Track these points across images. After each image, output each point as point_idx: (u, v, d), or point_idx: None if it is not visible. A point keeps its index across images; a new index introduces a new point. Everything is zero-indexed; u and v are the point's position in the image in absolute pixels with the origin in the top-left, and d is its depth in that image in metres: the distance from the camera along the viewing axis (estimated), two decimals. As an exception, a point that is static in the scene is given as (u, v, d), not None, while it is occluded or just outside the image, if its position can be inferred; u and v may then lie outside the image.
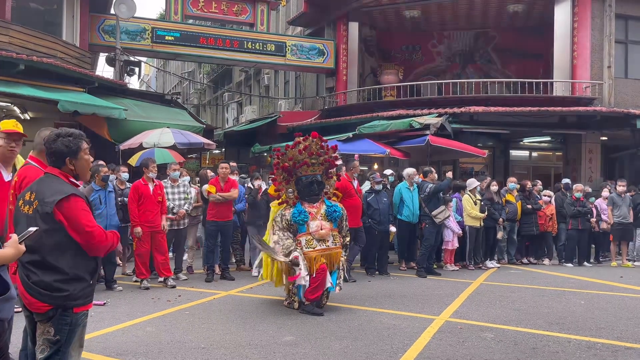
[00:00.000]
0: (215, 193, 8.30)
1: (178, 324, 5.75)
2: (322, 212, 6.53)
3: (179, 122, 13.45)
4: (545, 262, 11.23)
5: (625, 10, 16.39)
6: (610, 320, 6.15)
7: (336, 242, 6.56)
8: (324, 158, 6.68)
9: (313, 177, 6.57)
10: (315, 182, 6.56)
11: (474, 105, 15.12)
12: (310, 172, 6.59)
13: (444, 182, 9.72)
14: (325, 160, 6.71)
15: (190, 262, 9.37)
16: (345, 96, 19.13)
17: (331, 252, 6.49)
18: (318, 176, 6.62)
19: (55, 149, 3.01)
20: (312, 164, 6.59)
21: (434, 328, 5.66)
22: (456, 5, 18.38)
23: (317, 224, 6.43)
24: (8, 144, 4.03)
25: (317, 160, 6.62)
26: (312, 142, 6.60)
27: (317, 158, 6.62)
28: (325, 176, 6.84)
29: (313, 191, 6.57)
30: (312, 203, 6.58)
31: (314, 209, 6.53)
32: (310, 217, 6.45)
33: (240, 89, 30.18)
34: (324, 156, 6.69)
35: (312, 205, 6.56)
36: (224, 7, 18.04)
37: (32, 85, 10.98)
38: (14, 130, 4.05)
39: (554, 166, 18.77)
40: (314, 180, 6.56)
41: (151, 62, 30.65)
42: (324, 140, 6.77)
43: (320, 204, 6.61)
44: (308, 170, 6.60)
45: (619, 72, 16.41)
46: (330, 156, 6.76)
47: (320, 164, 6.68)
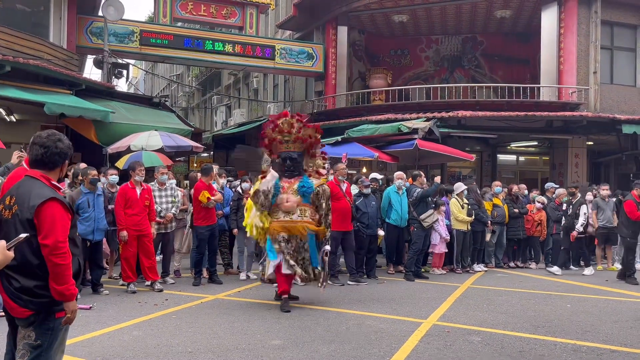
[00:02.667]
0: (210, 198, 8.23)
1: (165, 328, 5.71)
2: (294, 187, 6.87)
3: (167, 125, 13.38)
4: (532, 266, 11.31)
5: (610, 17, 16.60)
6: (595, 324, 6.20)
7: (303, 216, 6.82)
8: (295, 135, 7.00)
9: (287, 153, 6.99)
10: (288, 158, 6.97)
11: (462, 110, 15.22)
12: (284, 148, 7.03)
13: (432, 187, 9.75)
14: (297, 138, 7.02)
15: (178, 266, 9.31)
16: (334, 100, 19.17)
17: (296, 225, 6.76)
18: (292, 153, 7.00)
19: (62, 149, 2.96)
20: (285, 141, 7.00)
21: (421, 331, 5.67)
22: (444, 10, 18.51)
23: (283, 197, 6.79)
24: None
25: (289, 137, 7.00)
26: (283, 121, 7.02)
27: (288, 136, 7.00)
28: (307, 155, 7.22)
29: (287, 167, 6.98)
30: (288, 179, 6.95)
31: (288, 184, 6.90)
32: (282, 190, 6.82)
33: (229, 92, 30.13)
34: (295, 134, 7.00)
35: (287, 180, 6.94)
36: (212, 10, 18.01)
37: (18, 87, 10.88)
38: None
39: (540, 170, 18.94)
40: (287, 156, 6.97)
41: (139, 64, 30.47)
42: (300, 120, 7.14)
43: (296, 180, 6.94)
44: (282, 147, 7.04)
45: (604, 78, 16.60)
46: (303, 134, 7.07)
47: (293, 142, 7.03)
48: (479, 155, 17.99)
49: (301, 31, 21.46)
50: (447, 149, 13.50)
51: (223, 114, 30.11)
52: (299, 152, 7.06)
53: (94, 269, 7.60)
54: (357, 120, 15.80)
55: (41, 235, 2.76)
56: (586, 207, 10.53)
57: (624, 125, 14.51)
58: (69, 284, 2.81)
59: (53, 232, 2.76)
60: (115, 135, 12.02)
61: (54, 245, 2.75)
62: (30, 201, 2.78)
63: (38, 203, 2.76)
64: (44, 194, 2.81)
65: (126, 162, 10.44)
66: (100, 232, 7.63)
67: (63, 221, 2.82)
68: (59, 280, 2.78)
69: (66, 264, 2.78)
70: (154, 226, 7.97)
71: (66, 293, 2.80)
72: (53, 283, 2.78)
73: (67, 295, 2.81)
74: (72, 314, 2.88)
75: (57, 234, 2.76)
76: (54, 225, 2.77)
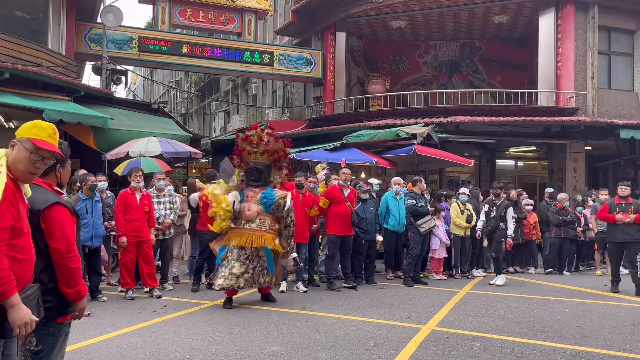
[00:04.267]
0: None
1: (163, 334, 5.70)
2: (257, 197, 7.17)
3: (165, 131, 13.38)
4: (530, 270, 11.32)
5: (608, 22, 16.66)
6: (594, 329, 6.20)
7: (262, 225, 7.11)
8: (264, 149, 7.29)
9: (255, 164, 7.28)
10: (255, 169, 7.29)
11: (460, 115, 15.25)
12: (252, 159, 7.33)
13: (423, 209, 9.62)
14: (264, 151, 7.30)
15: (176, 272, 9.31)
16: (332, 105, 19.20)
17: (253, 233, 7.03)
18: (259, 164, 7.30)
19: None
20: (253, 152, 7.30)
21: (420, 337, 5.67)
22: (442, 16, 18.58)
23: (244, 205, 7.10)
24: (34, 162, 2.61)
25: (257, 149, 7.29)
26: (253, 133, 7.33)
27: (257, 148, 7.28)
28: (275, 167, 7.52)
29: (254, 177, 7.29)
30: (254, 188, 7.26)
31: (252, 193, 7.21)
32: (246, 199, 7.14)
33: (228, 98, 30.16)
34: (264, 147, 7.29)
35: (253, 190, 7.26)
36: (211, 17, 18.06)
37: (16, 94, 10.88)
38: (48, 145, 2.64)
39: (539, 175, 18.94)
40: (254, 167, 7.29)
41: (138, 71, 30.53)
42: (269, 134, 7.40)
43: (261, 190, 7.24)
44: (250, 157, 7.32)
45: (602, 83, 16.64)
46: (272, 148, 7.35)
47: (262, 154, 7.31)
48: (478, 161, 17.99)
49: (299, 37, 21.51)
50: (446, 154, 13.50)
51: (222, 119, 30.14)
52: (266, 164, 7.40)
53: (93, 275, 7.59)
54: (355, 125, 15.81)
55: (52, 239, 2.77)
56: (512, 209, 9.61)
57: (622, 130, 14.53)
58: (79, 285, 2.87)
59: (64, 236, 2.79)
60: (114, 141, 12.02)
61: (67, 249, 2.78)
62: (36, 205, 2.77)
63: (44, 207, 2.77)
64: (49, 198, 2.83)
65: (125, 168, 10.45)
66: (98, 238, 7.63)
67: (71, 225, 2.86)
68: (71, 283, 2.82)
69: (78, 267, 2.83)
70: (153, 232, 7.97)
71: (78, 294, 2.87)
72: (64, 286, 2.82)
73: (80, 294, 2.88)
74: (80, 311, 2.96)
75: (68, 238, 2.80)
76: (63, 229, 2.80)
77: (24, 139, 2.60)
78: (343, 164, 10.83)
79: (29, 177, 2.64)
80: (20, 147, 2.59)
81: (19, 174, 2.58)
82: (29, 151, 2.58)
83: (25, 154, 2.58)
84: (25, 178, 2.63)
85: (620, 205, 8.67)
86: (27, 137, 2.61)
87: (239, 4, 18.22)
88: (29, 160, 2.59)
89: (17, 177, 2.58)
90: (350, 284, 8.73)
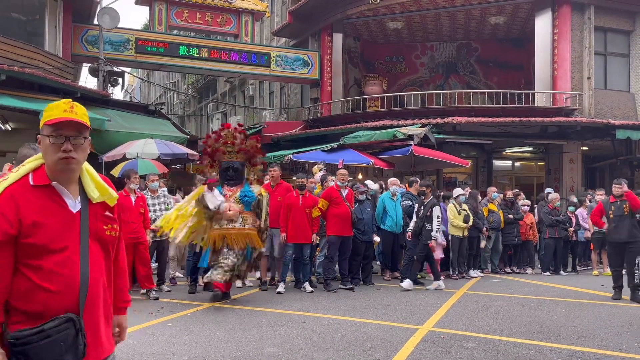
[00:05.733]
0: None
1: (160, 336, 5.69)
2: (236, 196, 7.17)
3: (162, 132, 13.39)
4: (528, 271, 11.34)
5: (604, 23, 16.71)
6: (591, 329, 6.21)
7: (245, 224, 7.15)
8: (239, 147, 7.34)
9: (229, 163, 7.32)
10: (230, 168, 7.30)
11: (457, 116, 15.28)
12: (227, 158, 7.35)
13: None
14: (240, 150, 7.36)
15: (173, 274, 9.30)
16: (329, 107, 19.21)
17: (238, 232, 7.08)
18: (235, 163, 7.35)
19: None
20: (227, 151, 7.33)
21: (417, 338, 5.67)
22: (439, 17, 18.61)
23: (225, 205, 7.05)
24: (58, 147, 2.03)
25: (232, 148, 7.34)
26: (227, 133, 7.39)
27: (231, 147, 7.33)
28: (249, 164, 7.58)
29: (229, 176, 7.30)
30: (230, 187, 7.25)
31: (230, 192, 7.19)
32: (225, 199, 7.10)
33: (225, 100, 30.17)
34: (238, 146, 7.35)
35: (229, 189, 7.24)
36: (208, 18, 18.06)
37: (13, 96, 10.88)
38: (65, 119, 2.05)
39: (536, 176, 19.00)
40: (230, 166, 7.30)
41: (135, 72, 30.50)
42: (241, 132, 7.52)
43: (238, 189, 7.25)
44: (225, 157, 7.34)
45: (598, 84, 16.69)
46: (245, 145, 7.43)
47: (236, 153, 7.37)
48: (475, 161, 18.04)
49: (296, 38, 21.53)
50: (443, 155, 13.53)
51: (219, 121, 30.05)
52: (242, 161, 7.44)
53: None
54: (352, 126, 15.84)
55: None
56: (438, 209, 8.98)
57: (618, 130, 14.57)
58: None
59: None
60: (110, 143, 12.02)
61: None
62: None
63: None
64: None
65: (121, 170, 10.44)
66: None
67: None
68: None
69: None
70: (148, 234, 7.97)
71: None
72: None
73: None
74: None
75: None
76: None
77: (42, 129, 2.08)
78: (340, 165, 10.83)
79: (65, 170, 2.05)
80: (42, 138, 2.07)
81: (52, 172, 2.06)
82: (48, 136, 2.04)
83: (46, 143, 2.04)
84: (61, 174, 2.06)
85: (615, 204, 8.31)
86: (42, 124, 2.08)
87: (235, 5, 18.23)
88: (52, 147, 2.03)
89: (54, 177, 2.05)
90: (348, 285, 8.74)
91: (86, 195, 2.11)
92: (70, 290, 1.98)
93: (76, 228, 2.04)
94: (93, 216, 2.10)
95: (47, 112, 2.09)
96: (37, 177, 2.05)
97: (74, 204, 2.07)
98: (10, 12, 14.38)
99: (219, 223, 7.10)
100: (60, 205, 2.04)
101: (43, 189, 2.03)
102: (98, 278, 2.06)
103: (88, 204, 2.10)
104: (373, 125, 15.30)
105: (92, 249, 2.06)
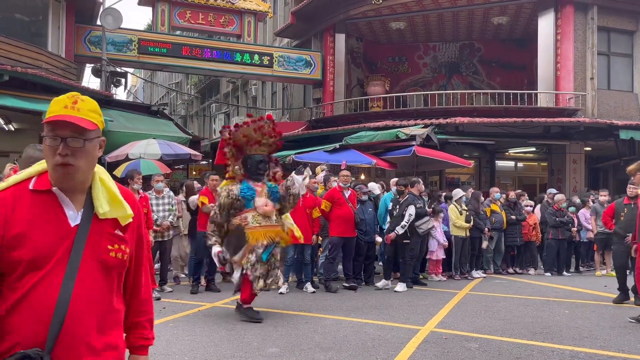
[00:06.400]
0: (208, 204, 8.24)
1: (162, 336, 5.69)
2: (266, 192, 6.76)
3: (165, 133, 13.42)
4: (530, 271, 11.31)
5: (607, 23, 16.67)
6: (593, 330, 6.19)
7: (278, 220, 6.79)
8: (274, 140, 6.96)
9: (262, 156, 6.88)
10: (262, 161, 6.86)
11: (460, 116, 15.26)
12: (259, 151, 6.88)
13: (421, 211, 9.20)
14: (274, 143, 6.98)
15: (176, 273, 9.33)
16: (332, 107, 19.21)
17: (275, 229, 6.69)
18: (265, 156, 6.92)
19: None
20: (263, 143, 6.88)
21: (419, 338, 5.66)
22: (441, 17, 18.60)
23: (263, 201, 6.62)
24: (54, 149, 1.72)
25: (267, 141, 6.90)
26: (266, 123, 6.89)
27: (268, 139, 6.89)
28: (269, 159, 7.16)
29: (261, 169, 6.84)
30: (256, 182, 6.81)
31: (259, 188, 6.76)
32: (257, 193, 6.67)
33: (228, 100, 30.19)
34: (274, 139, 6.95)
35: (256, 184, 6.79)
36: (210, 19, 18.09)
37: (16, 96, 10.91)
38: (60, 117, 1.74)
39: (539, 176, 18.96)
40: (262, 159, 6.86)
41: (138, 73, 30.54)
42: (275, 124, 7.07)
43: (263, 184, 6.84)
44: (258, 149, 6.87)
45: (601, 84, 16.65)
46: (278, 140, 7.04)
47: (270, 145, 6.96)
48: (477, 162, 18.01)
49: (299, 39, 21.54)
50: (445, 155, 13.51)
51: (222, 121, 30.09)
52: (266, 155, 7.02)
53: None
54: (355, 127, 15.83)
55: None
56: (413, 207, 8.77)
57: (621, 130, 14.54)
58: None
59: None
60: (113, 143, 12.05)
61: None
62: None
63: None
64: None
65: (124, 170, 10.46)
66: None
67: None
68: None
69: None
70: (151, 234, 7.98)
71: None
72: None
73: None
74: None
75: None
76: None
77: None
78: (343, 167, 10.82)
79: (63, 178, 1.72)
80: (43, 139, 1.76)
81: (52, 178, 1.75)
82: (46, 136, 1.74)
83: (45, 145, 1.74)
84: (61, 182, 1.74)
85: (629, 206, 8.06)
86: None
87: (238, 6, 18.25)
88: (48, 150, 1.72)
89: (56, 183, 1.74)
90: (350, 284, 8.73)
91: (93, 208, 1.76)
92: (40, 320, 1.61)
93: (69, 245, 1.68)
94: (96, 233, 1.74)
95: (49, 107, 1.79)
96: (39, 181, 1.75)
97: (74, 216, 1.73)
98: (14, 12, 14.43)
99: (257, 220, 6.57)
100: (57, 216, 1.71)
101: (43, 195, 1.72)
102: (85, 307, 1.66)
103: (92, 218, 1.75)
104: (375, 125, 15.30)
105: (87, 272, 1.68)
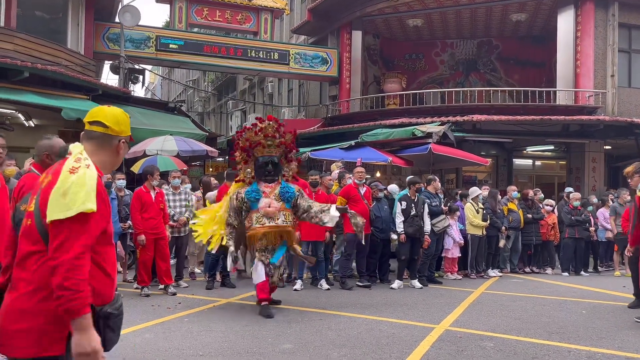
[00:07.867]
0: None
1: (177, 331, 5.74)
2: (276, 192, 6.79)
3: (182, 129, 13.50)
4: (547, 271, 11.19)
5: (628, 20, 16.40)
6: (611, 330, 6.11)
7: (287, 221, 6.76)
8: (280, 141, 6.96)
9: (269, 158, 6.89)
10: (270, 162, 6.87)
11: (477, 114, 15.12)
12: (266, 153, 6.92)
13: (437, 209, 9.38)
14: (281, 143, 6.98)
15: (192, 268, 9.40)
16: (348, 104, 19.18)
17: (280, 230, 6.71)
18: (274, 158, 6.93)
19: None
20: (267, 145, 6.91)
21: (433, 337, 5.64)
22: (459, 14, 18.45)
23: (266, 202, 6.68)
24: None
25: (272, 142, 6.93)
26: (267, 125, 6.94)
27: (272, 140, 6.92)
28: (284, 159, 7.16)
29: (268, 171, 6.87)
30: (268, 183, 6.86)
31: (269, 189, 6.81)
32: (264, 195, 6.73)
33: (244, 97, 30.28)
34: (279, 139, 6.96)
35: (267, 185, 6.84)
36: (227, 16, 18.15)
37: (36, 93, 11.05)
38: None
39: (557, 175, 18.73)
40: (269, 161, 6.87)
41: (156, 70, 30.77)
42: (281, 125, 7.10)
43: (276, 185, 6.87)
44: (264, 151, 6.90)
45: (622, 81, 16.39)
46: (285, 139, 7.03)
47: (277, 146, 6.98)
48: (495, 160, 17.84)
49: (315, 36, 21.52)
50: (462, 153, 13.41)
51: (238, 118, 30.23)
52: (278, 156, 7.03)
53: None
54: (371, 124, 15.79)
55: None
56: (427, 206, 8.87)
57: (642, 129, 14.31)
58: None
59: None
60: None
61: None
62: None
63: None
64: None
65: (141, 166, 10.56)
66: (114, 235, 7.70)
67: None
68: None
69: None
70: (167, 229, 8.05)
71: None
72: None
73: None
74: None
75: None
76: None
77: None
78: (359, 164, 10.80)
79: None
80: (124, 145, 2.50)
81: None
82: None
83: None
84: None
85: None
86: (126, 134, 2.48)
87: (255, 3, 18.29)
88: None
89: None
90: (365, 283, 8.72)
91: None
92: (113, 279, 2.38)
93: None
94: None
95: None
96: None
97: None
98: (34, 10, 14.61)
99: (260, 221, 6.65)
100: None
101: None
102: None
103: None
104: (392, 123, 15.23)
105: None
